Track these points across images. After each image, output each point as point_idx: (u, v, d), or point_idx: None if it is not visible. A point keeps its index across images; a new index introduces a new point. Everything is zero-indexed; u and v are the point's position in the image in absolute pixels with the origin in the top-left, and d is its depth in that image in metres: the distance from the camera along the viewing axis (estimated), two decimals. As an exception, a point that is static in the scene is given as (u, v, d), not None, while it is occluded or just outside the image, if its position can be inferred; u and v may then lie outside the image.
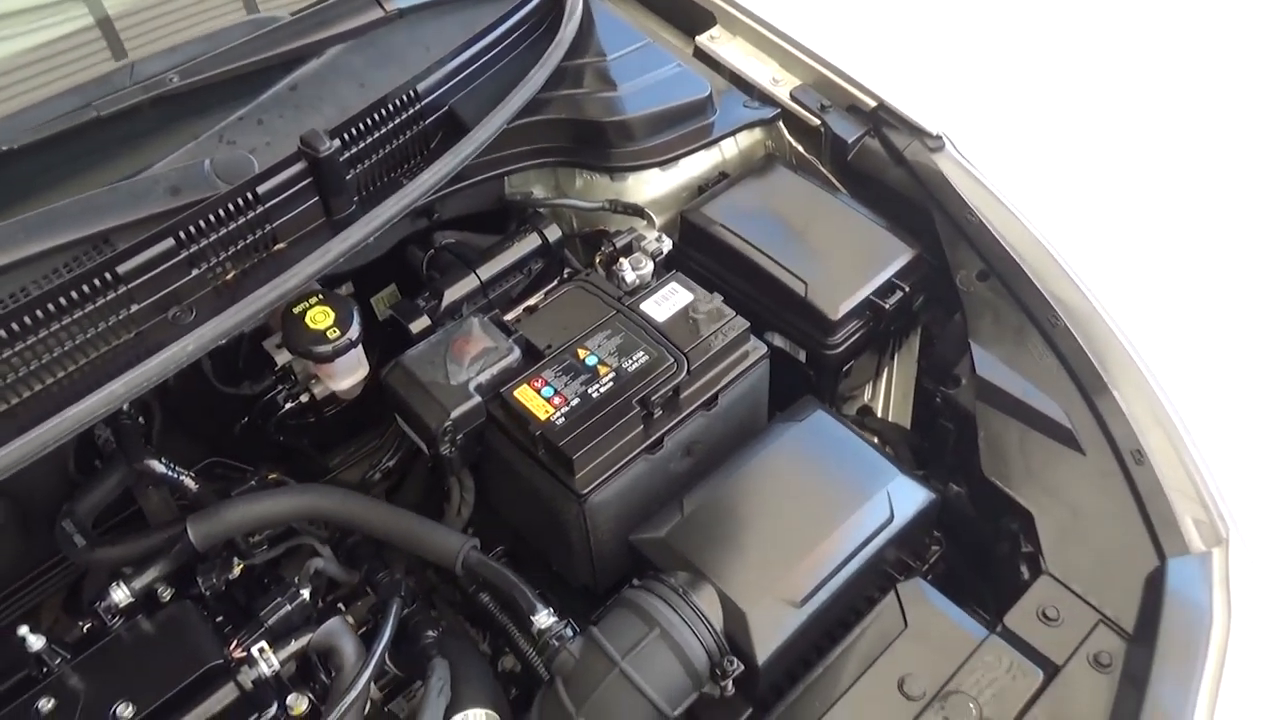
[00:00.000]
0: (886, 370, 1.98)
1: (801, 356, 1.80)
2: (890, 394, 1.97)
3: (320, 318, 1.56)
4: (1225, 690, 1.27)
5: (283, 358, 1.71)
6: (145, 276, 1.45)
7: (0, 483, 1.83)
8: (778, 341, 1.81)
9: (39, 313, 1.36)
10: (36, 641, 1.44)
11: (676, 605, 1.35)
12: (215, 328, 1.45)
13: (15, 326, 1.36)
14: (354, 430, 2.06)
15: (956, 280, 1.73)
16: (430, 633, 1.51)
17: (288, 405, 1.89)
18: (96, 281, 1.40)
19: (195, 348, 1.44)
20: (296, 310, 1.57)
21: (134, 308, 1.45)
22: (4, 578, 1.93)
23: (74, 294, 1.39)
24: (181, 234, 1.46)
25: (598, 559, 1.55)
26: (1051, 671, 1.34)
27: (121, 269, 1.41)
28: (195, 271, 1.50)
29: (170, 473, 1.70)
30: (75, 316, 1.40)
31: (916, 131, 1.85)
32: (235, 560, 1.58)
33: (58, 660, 1.44)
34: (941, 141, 1.84)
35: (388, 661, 1.57)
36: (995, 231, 1.71)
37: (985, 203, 1.75)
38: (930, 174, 1.80)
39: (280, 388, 1.87)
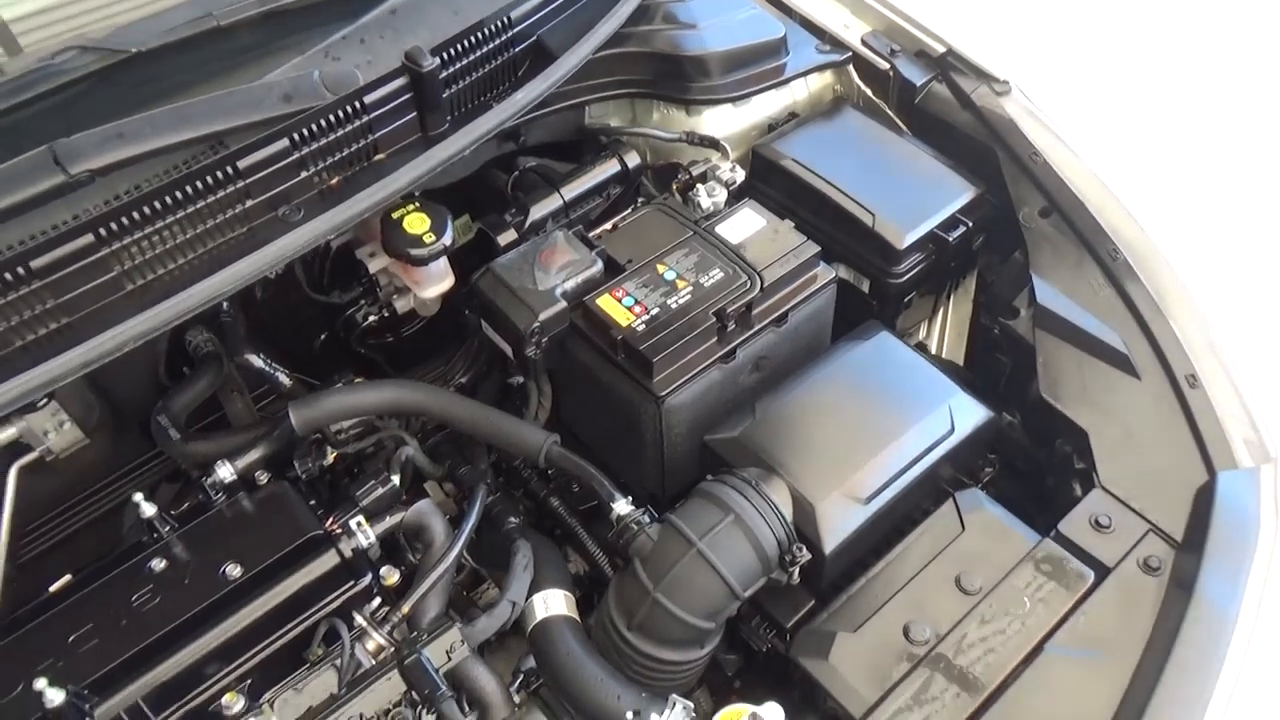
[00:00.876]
0: (942, 310, 2.05)
1: (865, 287, 1.88)
2: (944, 333, 2.05)
3: (417, 223, 1.65)
4: (1272, 595, 1.35)
5: (375, 264, 1.81)
6: (260, 174, 1.54)
7: (98, 384, 1.98)
8: (842, 273, 1.88)
9: (166, 199, 1.46)
10: (149, 508, 1.55)
11: (750, 495, 1.44)
12: (321, 225, 1.55)
13: (142, 213, 1.46)
14: (425, 353, 2.16)
15: (1019, 217, 1.80)
16: (512, 519, 1.61)
17: (369, 319, 2.00)
18: (218, 174, 1.50)
19: (303, 243, 1.54)
20: (395, 215, 1.66)
21: (248, 203, 1.55)
22: (96, 474, 2.06)
23: (197, 185, 1.48)
24: (294, 136, 1.55)
25: (668, 463, 1.64)
26: (1102, 573, 1.42)
27: (241, 164, 1.51)
28: (304, 174, 1.60)
29: (267, 367, 1.81)
30: (196, 207, 1.50)
31: (984, 76, 1.92)
32: (329, 449, 1.68)
33: (167, 528, 1.55)
34: (1008, 86, 1.91)
35: (465, 555, 1.67)
36: (1059, 170, 1.78)
37: (1049, 144, 1.83)
38: (997, 116, 1.88)
39: (362, 303, 1.98)
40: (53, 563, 1.82)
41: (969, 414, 1.59)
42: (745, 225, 1.74)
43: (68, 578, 1.58)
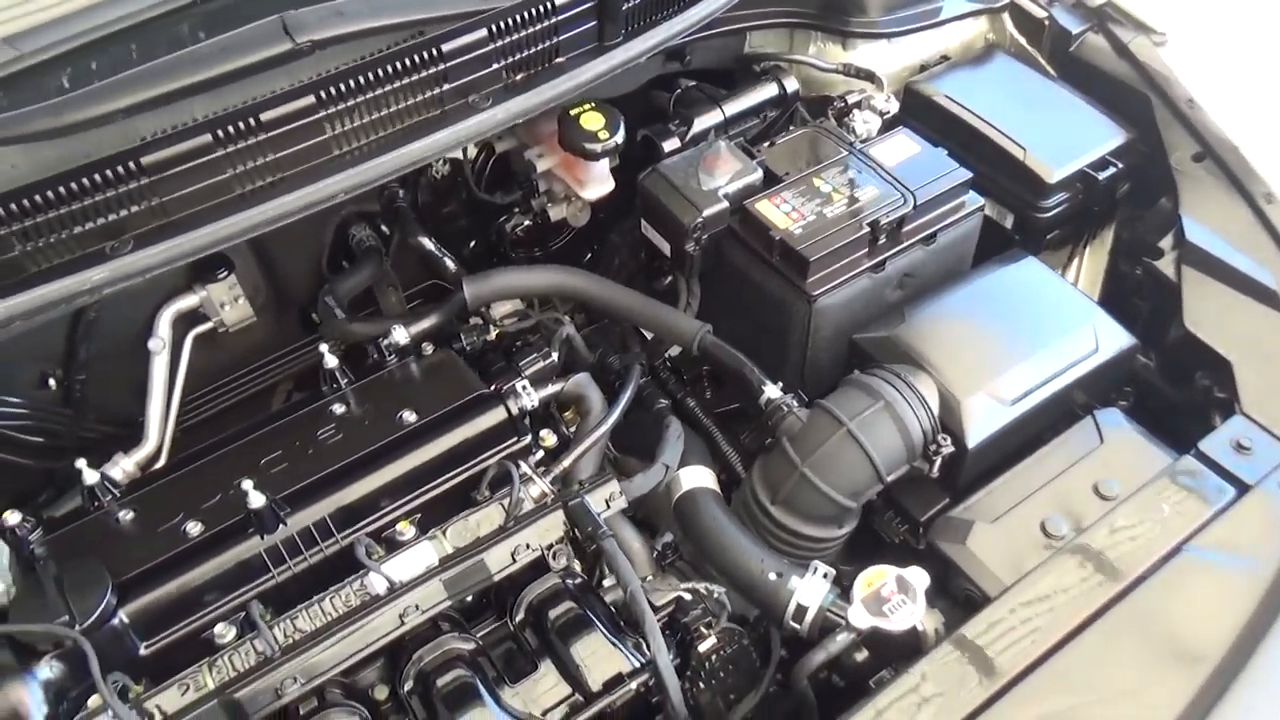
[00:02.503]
0: (1077, 260, 2.09)
1: (1008, 222, 1.93)
2: (1078, 281, 2.08)
3: (593, 121, 1.76)
4: None
5: (543, 164, 1.92)
6: (457, 61, 1.66)
7: (267, 269, 2.13)
8: (987, 210, 1.94)
9: (377, 73, 1.59)
10: (331, 360, 1.68)
11: (899, 386, 1.51)
12: (505, 112, 1.67)
13: (356, 82, 1.58)
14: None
15: (1171, 160, 1.83)
16: (662, 400, 1.70)
17: (521, 227, 2.12)
18: (422, 55, 1.62)
19: (489, 126, 1.65)
20: (573, 113, 1.77)
21: (444, 87, 1.67)
22: (256, 353, 2.21)
23: (404, 63, 1.61)
24: (492, 28, 1.67)
25: (809, 364, 1.72)
26: (1242, 490, 1.45)
27: (444, 48, 1.63)
28: (494, 67, 1.71)
29: (436, 251, 1.94)
30: (400, 84, 1.62)
31: (1143, 28, 1.96)
32: (491, 327, 1.80)
33: (346, 380, 1.68)
34: (1165, 37, 1.94)
35: (610, 448, 1.77)
36: (1214, 117, 1.81)
37: (1205, 92, 1.86)
38: (1154, 65, 1.91)
39: (515, 210, 2.10)
40: (207, 434, 1.96)
41: (1113, 337, 1.63)
42: (899, 149, 1.81)
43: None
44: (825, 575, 1.42)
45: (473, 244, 2.25)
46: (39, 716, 1.27)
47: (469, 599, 1.45)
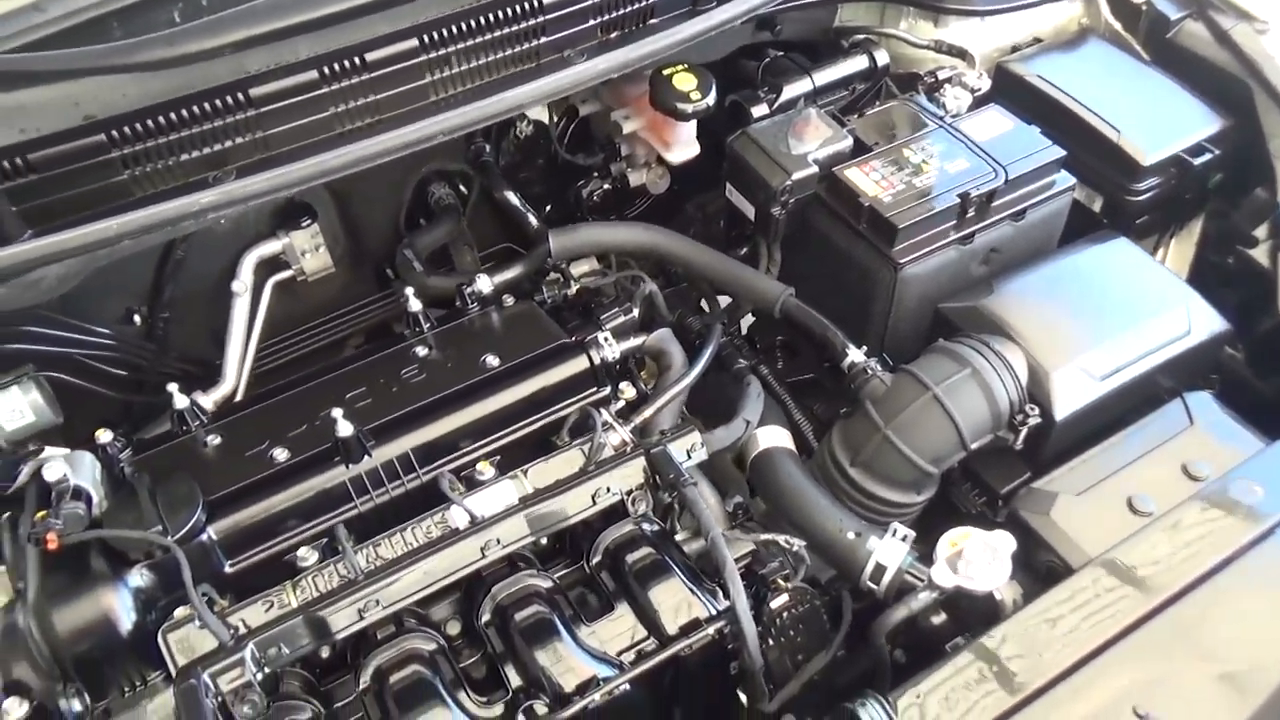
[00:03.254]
0: (1163, 250, 2.05)
1: (1097, 205, 1.90)
2: (1163, 271, 2.05)
3: (685, 81, 1.77)
4: None
5: (630, 125, 1.93)
6: (556, 14, 1.68)
7: (346, 223, 2.16)
8: (1075, 193, 1.91)
9: (479, 20, 1.61)
10: (415, 303, 1.70)
11: (987, 354, 1.49)
12: (599, 66, 1.67)
13: (458, 29, 1.60)
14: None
15: (1270, 149, 1.80)
16: (742, 360, 1.70)
17: (599, 191, 2.13)
18: (523, 6, 1.64)
19: (582, 79, 1.66)
20: (666, 73, 1.78)
21: (541, 40, 1.69)
22: (330, 305, 2.25)
23: (504, 12, 1.63)
24: (590, -13, 1.69)
25: (890, 333, 1.70)
26: (1339, 478, 1.42)
27: (546, 0, 1.65)
28: (590, 23, 1.73)
29: (519, 206, 1.96)
30: (499, 34, 1.64)
31: (1244, 15, 1.93)
32: (572, 281, 1.81)
33: (429, 324, 1.70)
34: (1268, 25, 1.91)
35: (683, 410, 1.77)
36: (1318, 106, 1.78)
37: (1308, 81, 1.82)
38: (1256, 53, 1.87)
39: (595, 174, 2.11)
40: (280, 381, 1.99)
41: (1206, 320, 1.60)
42: (991, 125, 1.80)
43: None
44: (905, 537, 1.40)
45: (549, 208, 2.27)
46: (128, 623, 1.30)
47: (543, 542, 1.46)
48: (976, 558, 1.28)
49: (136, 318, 2.03)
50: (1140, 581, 1.29)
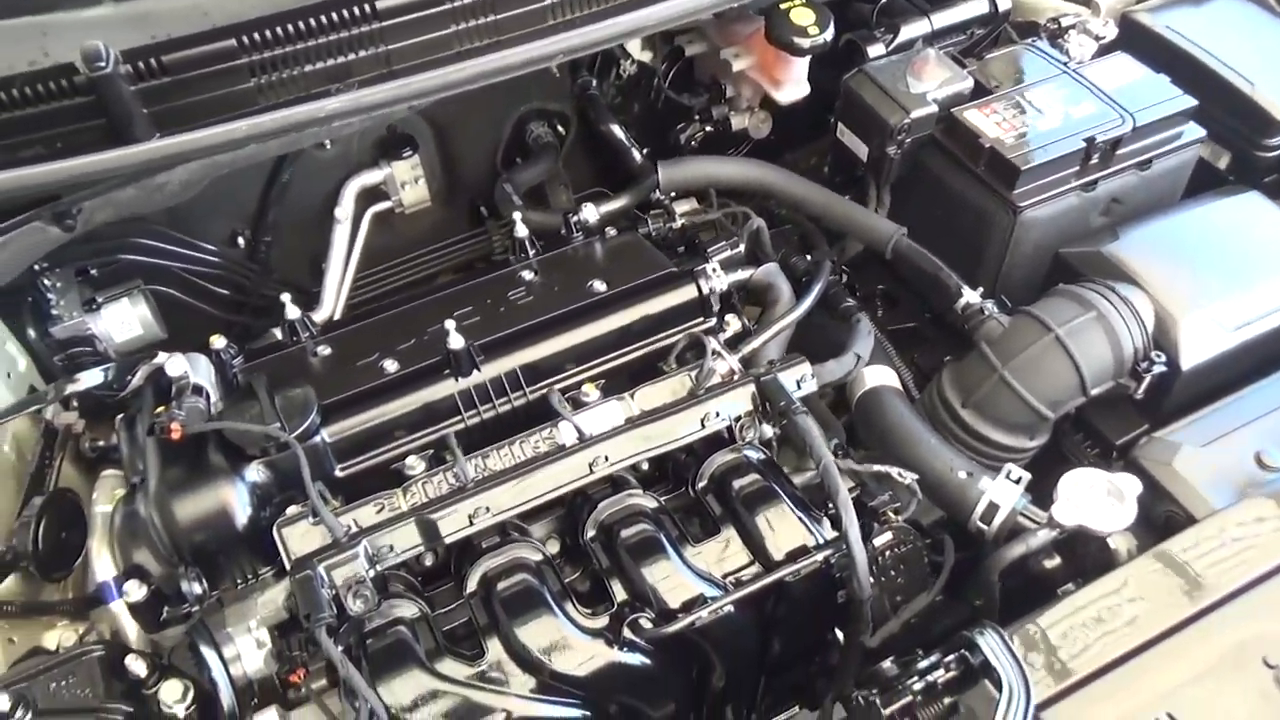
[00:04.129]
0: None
1: (1223, 162, 1.83)
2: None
3: (803, 16, 1.73)
4: None
5: (740, 64, 1.91)
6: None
7: (445, 160, 2.17)
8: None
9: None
10: (521, 228, 1.70)
11: (1112, 299, 1.45)
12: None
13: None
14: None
15: None
16: (850, 301, 1.68)
17: (700, 134, 2.11)
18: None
19: (703, 5, 1.64)
20: (783, 7, 1.75)
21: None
22: (425, 239, 2.27)
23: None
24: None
25: (1003, 278, 1.66)
26: None
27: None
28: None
29: (625, 140, 1.95)
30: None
31: (1391, -32, 1.84)
32: (677, 214, 1.80)
33: (534, 251, 1.70)
34: None
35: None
36: None
37: None
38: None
39: (696, 118, 2.09)
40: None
41: (1344, 279, 1.54)
42: (1118, 72, 1.74)
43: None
44: (1019, 479, 1.37)
45: (645, 152, 2.26)
46: (243, 516, 1.33)
47: (644, 468, 1.46)
48: (1102, 498, 1.24)
49: (240, 240, 2.08)
50: (1271, 532, 1.25)
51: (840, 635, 1.45)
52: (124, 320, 1.90)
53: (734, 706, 1.49)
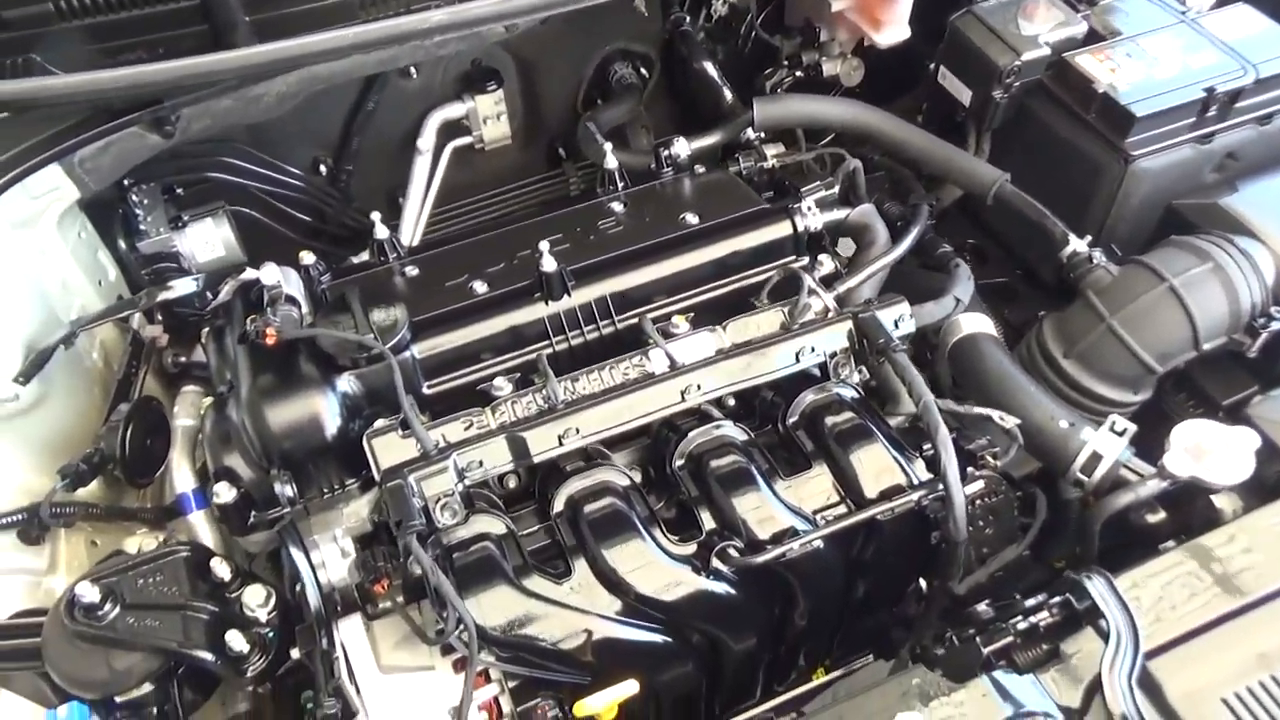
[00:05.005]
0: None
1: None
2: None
3: (909, -47, 1.68)
4: None
5: (838, 4, 1.85)
6: None
7: (527, 98, 2.15)
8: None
9: None
10: (611, 160, 1.67)
11: (1231, 252, 1.39)
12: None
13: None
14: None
15: None
16: (946, 246, 1.63)
17: (789, 79, 2.07)
18: None
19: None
20: (891, -58, 1.70)
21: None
22: (503, 177, 2.26)
23: None
24: None
25: (1107, 230, 1.61)
26: None
27: None
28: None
29: (717, 78, 1.91)
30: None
31: None
32: (769, 154, 1.76)
33: (623, 184, 1.68)
34: None
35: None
36: None
37: None
38: None
39: (785, 63, 2.04)
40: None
41: None
42: (1240, 24, 1.66)
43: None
44: (1123, 431, 1.33)
45: (730, 96, 2.21)
46: (333, 426, 1.32)
47: (731, 403, 1.43)
48: (1218, 450, 1.19)
49: (322, 168, 2.08)
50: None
51: (924, 584, 1.42)
52: (207, 240, 1.92)
53: (807, 651, 1.47)
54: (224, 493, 1.32)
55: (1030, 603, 1.11)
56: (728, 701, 1.44)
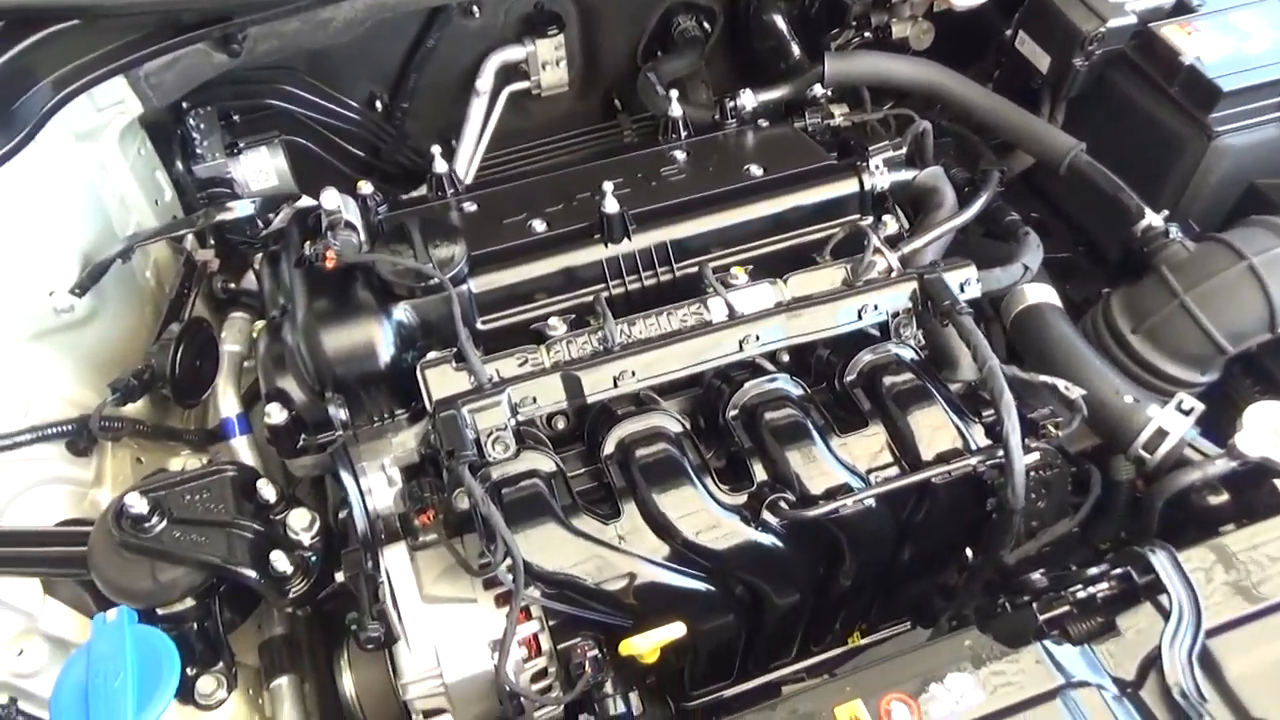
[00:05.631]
0: None
1: None
2: None
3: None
4: None
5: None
6: None
7: (586, 45, 2.12)
8: None
9: None
10: (676, 108, 1.65)
11: (1315, 233, 1.35)
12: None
13: None
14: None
15: None
16: (1014, 215, 1.60)
17: (857, 39, 2.02)
18: None
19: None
20: (976, -104, 1.65)
21: None
22: (556, 125, 2.23)
23: None
24: None
25: (1180, 209, 1.56)
26: None
27: None
28: None
29: (786, 32, 1.87)
30: None
31: None
32: (834, 112, 1.72)
33: (685, 134, 1.66)
34: None
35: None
36: None
37: None
38: None
39: (850, 26, 2.00)
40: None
41: None
42: (1335, 2, 1.61)
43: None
44: (1190, 409, 1.30)
45: (797, 55, 2.17)
46: (386, 354, 1.32)
47: (785, 359, 1.41)
48: (1291, 432, 1.16)
49: (379, 103, 2.06)
50: None
51: (969, 553, 1.40)
52: (261, 168, 1.91)
53: (846, 614, 1.46)
54: (275, 414, 1.32)
55: (1093, 571, 1.09)
56: (761, 657, 1.43)
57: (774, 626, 1.33)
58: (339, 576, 1.25)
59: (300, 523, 1.35)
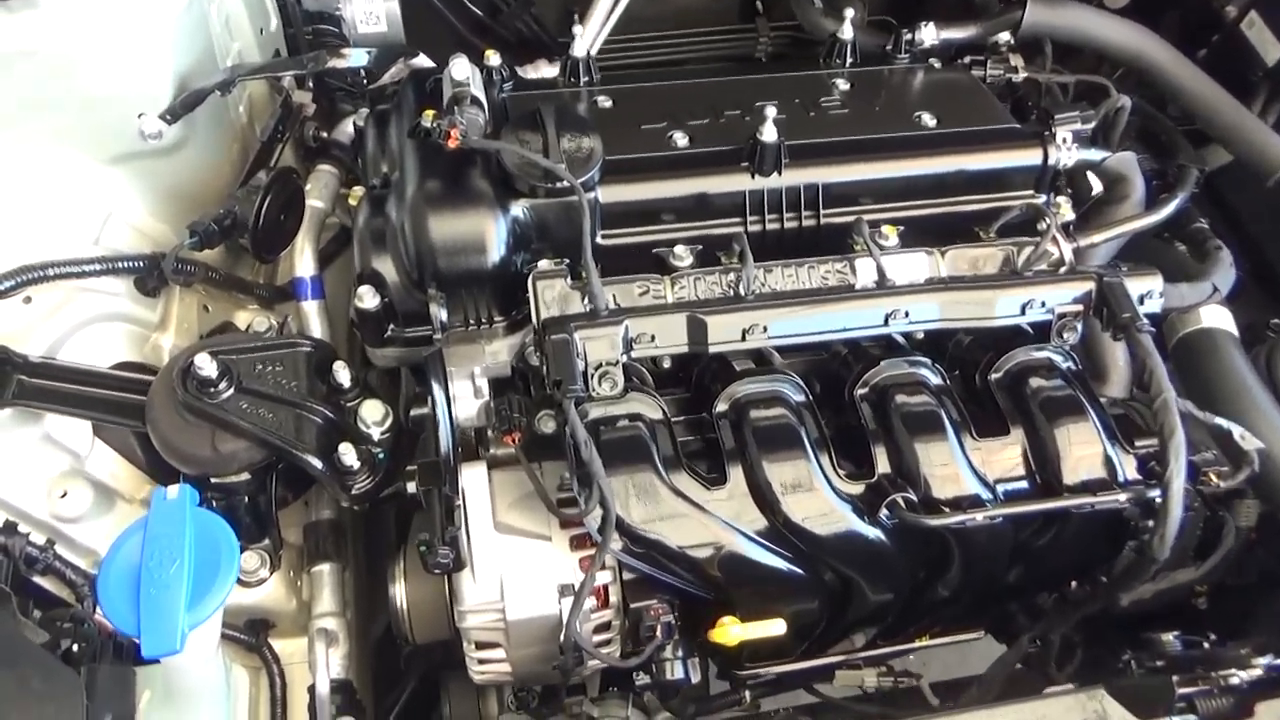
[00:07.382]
0: None
1: None
2: None
3: None
4: None
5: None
6: None
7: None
8: None
9: None
10: (848, 30, 1.47)
11: None
12: None
13: None
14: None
15: None
16: (1204, 223, 1.43)
17: None
18: None
19: None
20: None
21: None
22: (688, 19, 2.05)
23: None
24: None
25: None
26: None
27: None
28: None
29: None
30: None
31: None
32: (1019, 68, 1.53)
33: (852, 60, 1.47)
34: None
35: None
36: None
37: None
38: None
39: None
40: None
41: None
42: None
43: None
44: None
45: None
46: (496, 254, 1.19)
47: (921, 336, 1.27)
48: None
49: (501, -38, 1.88)
50: None
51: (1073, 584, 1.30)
52: (372, 9, 1.74)
53: (929, 619, 1.36)
54: (368, 298, 1.20)
55: (1238, 653, 0.98)
56: (827, 642, 1.35)
57: (854, 618, 1.24)
58: (410, 487, 1.16)
59: (373, 415, 1.25)
